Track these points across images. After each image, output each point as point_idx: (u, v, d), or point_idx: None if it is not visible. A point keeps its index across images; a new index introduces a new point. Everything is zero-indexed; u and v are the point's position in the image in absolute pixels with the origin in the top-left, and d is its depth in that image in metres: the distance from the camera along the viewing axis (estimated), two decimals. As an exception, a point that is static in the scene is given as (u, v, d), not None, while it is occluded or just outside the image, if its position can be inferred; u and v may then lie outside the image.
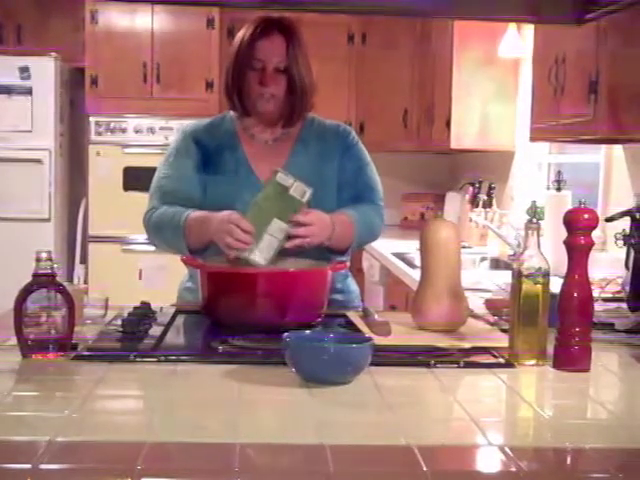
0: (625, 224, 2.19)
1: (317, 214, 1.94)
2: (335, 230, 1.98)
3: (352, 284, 2.26)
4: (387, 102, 5.09)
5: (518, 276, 1.58)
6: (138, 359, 1.53)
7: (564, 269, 1.59)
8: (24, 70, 4.76)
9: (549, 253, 1.64)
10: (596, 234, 1.61)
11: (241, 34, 2.10)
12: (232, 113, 2.20)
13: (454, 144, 4.24)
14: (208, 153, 2.13)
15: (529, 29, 3.74)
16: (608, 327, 1.92)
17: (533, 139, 3.20)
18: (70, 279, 4.84)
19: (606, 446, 1.17)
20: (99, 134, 4.94)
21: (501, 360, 1.59)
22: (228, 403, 1.31)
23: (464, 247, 3.53)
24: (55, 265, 1.56)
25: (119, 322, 1.75)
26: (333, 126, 2.23)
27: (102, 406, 1.32)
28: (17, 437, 1.13)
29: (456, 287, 1.81)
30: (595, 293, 1.75)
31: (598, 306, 1.90)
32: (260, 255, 1.87)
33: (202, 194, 2.10)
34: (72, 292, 1.59)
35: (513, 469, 1.07)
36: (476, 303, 2.12)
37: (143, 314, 1.84)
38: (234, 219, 1.87)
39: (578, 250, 1.57)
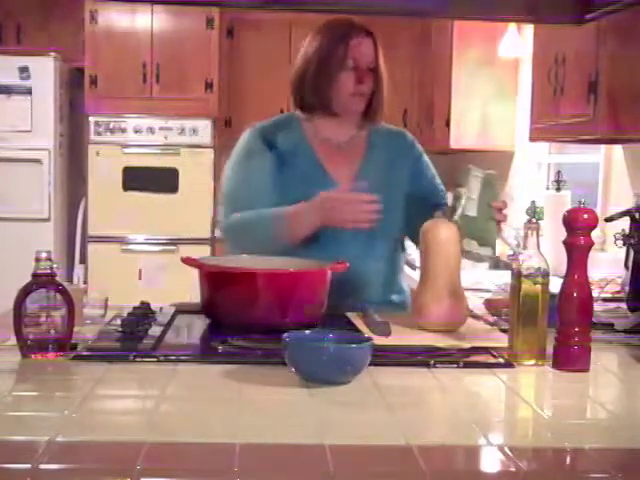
0: (625, 224, 2.19)
1: None
2: None
3: (404, 282, 2.25)
4: (387, 102, 5.08)
5: (518, 276, 1.58)
6: (138, 359, 1.53)
7: (564, 269, 1.59)
8: (24, 70, 4.75)
9: (549, 253, 1.64)
10: (595, 234, 1.61)
11: (325, 37, 2.11)
12: (298, 114, 2.18)
13: (454, 144, 4.25)
14: (280, 153, 2.11)
15: (529, 29, 3.74)
16: (608, 327, 1.92)
17: (533, 139, 3.20)
18: (70, 279, 4.85)
19: (606, 446, 1.17)
20: (99, 134, 4.94)
21: (501, 360, 1.59)
22: (228, 403, 1.31)
23: (464, 247, 3.53)
24: (55, 265, 1.56)
25: (119, 322, 1.74)
26: (400, 133, 2.26)
27: (102, 406, 1.32)
28: (17, 437, 1.13)
29: (456, 287, 1.81)
30: (595, 293, 1.75)
31: (597, 306, 1.90)
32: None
33: (277, 198, 2.05)
34: (72, 292, 1.59)
35: (513, 469, 1.07)
36: (476, 303, 2.12)
37: (143, 314, 1.84)
38: (349, 195, 1.92)
39: (578, 250, 1.57)
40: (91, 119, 4.95)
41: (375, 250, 2.11)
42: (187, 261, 1.98)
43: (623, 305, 2.11)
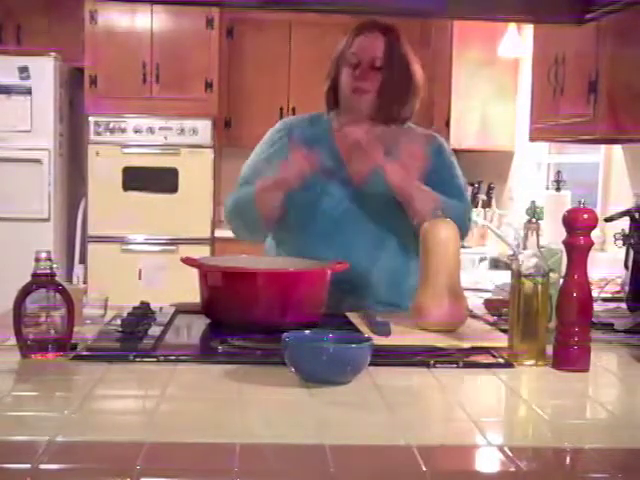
0: (624, 224, 2.19)
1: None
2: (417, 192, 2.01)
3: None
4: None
5: (517, 276, 1.58)
6: (137, 359, 1.53)
7: (563, 269, 1.59)
8: (23, 70, 4.75)
9: (549, 253, 1.64)
10: (595, 234, 1.61)
11: (346, 35, 2.17)
12: (331, 113, 2.23)
13: (454, 144, 4.23)
14: (301, 143, 2.11)
15: (529, 29, 3.74)
16: (607, 327, 1.92)
17: (532, 139, 3.20)
18: (69, 279, 4.84)
19: (605, 446, 1.17)
20: (98, 134, 4.94)
21: (500, 360, 1.59)
22: (228, 403, 1.31)
23: (463, 247, 3.53)
24: (54, 265, 1.56)
25: (118, 322, 1.74)
26: (428, 135, 2.24)
27: (102, 406, 1.32)
28: (17, 437, 1.13)
29: (456, 287, 1.81)
30: (594, 293, 1.75)
31: (597, 306, 1.90)
32: None
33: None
34: (71, 292, 1.59)
35: (512, 469, 1.07)
36: (476, 303, 2.12)
37: (142, 314, 1.84)
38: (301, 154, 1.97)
39: (577, 250, 1.57)
40: (91, 119, 4.94)
41: (383, 249, 2.11)
42: (187, 261, 1.98)
43: (623, 305, 2.11)
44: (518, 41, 4.02)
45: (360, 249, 2.05)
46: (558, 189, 3.11)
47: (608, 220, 2.32)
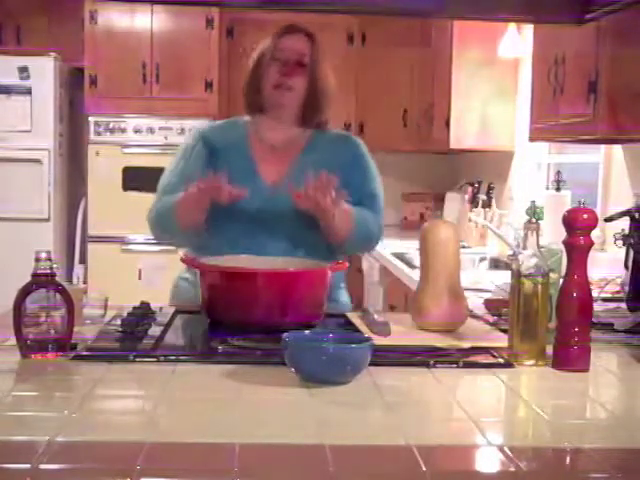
0: (624, 224, 2.19)
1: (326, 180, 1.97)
2: (338, 212, 2.00)
3: (344, 295, 2.25)
4: (387, 102, 5.09)
5: (517, 276, 1.58)
6: (137, 359, 1.53)
7: (563, 269, 1.59)
8: (23, 70, 4.75)
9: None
10: (595, 234, 1.61)
11: (268, 39, 2.19)
12: (246, 117, 2.25)
13: (454, 144, 4.24)
14: (216, 152, 2.17)
15: (529, 29, 3.74)
16: (607, 327, 1.92)
17: (532, 139, 3.20)
18: (69, 279, 4.85)
19: (605, 446, 1.17)
20: (98, 134, 4.94)
21: (500, 360, 1.59)
22: (228, 403, 1.31)
23: (463, 247, 3.54)
24: (54, 265, 1.56)
25: (118, 322, 1.75)
26: (344, 136, 2.28)
27: (101, 406, 1.32)
28: (16, 437, 1.13)
29: (456, 287, 1.81)
30: (594, 293, 1.75)
31: (597, 306, 1.90)
32: None
33: None
34: (71, 292, 1.59)
35: (512, 469, 1.07)
36: (476, 303, 2.12)
37: (142, 314, 1.84)
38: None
39: (577, 250, 1.57)
40: (91, 119, 4.94)
41: (299, 248, 2.06)
42: (187, 261, 1.98)
43: (623, 305, 2.11)
44: (518, 41, 4.01)
45: (276, 249, 2.03)
46: (558, 189, 3.11)
47: (608, 220, 2.32)
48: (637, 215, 2.12)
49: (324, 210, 1.95)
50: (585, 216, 1.57)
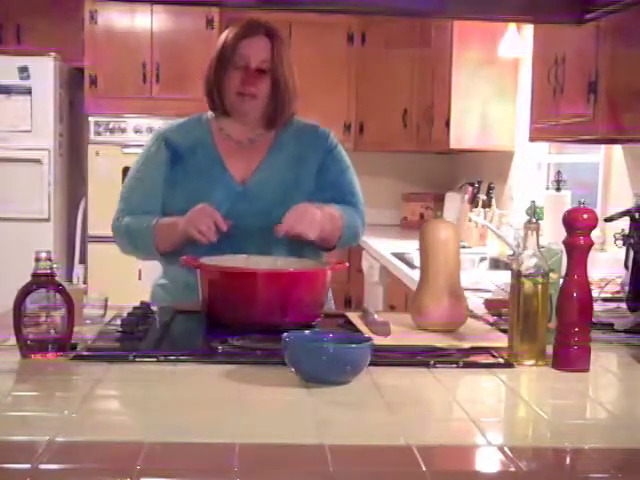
0: (624, 224, 2.19)
1: (304, 207, 1.97)
2: (325, 226, 2.01)
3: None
4: (387, 102, 5.09)
5: (517, 276, 1.58)
6: (137, 359, 1.53)
7: (563, 269, 1.59)
8: (23, 70, 4.75)
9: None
10: (595, 234, 1.61)
11: (226, 33, 2.14)
12: (209, 113, 2.22)
13: (453, 144, 4.24)
14: (179, 152, 2.15)
15: (529, 29, 3.74)
16: (607, 327, 1.92)
17: (532, 139, 3.20)
18: (69, 279, 4.84)
19: (605, 446, 1.17)
20: (98, 134, 4.94)
21: (500, 360, 1.59)
22: (228, 403, 1.31)
23: (463, 247, 3.53)
24: (54, 265, 1.56)
25: (118, 322, 1.75)
26: (312, 128, 2.23)
27: (102, 406, 1.32)
28: (17, 437, 1.13)
29: (455, 287, 1.81)
30: (594, 293, 1.75)
31: (597, 306, 1.90)
32: None
33: (179, 191, 2.11)
34: (71, 292, 1.59)
35: (512, 469, 1.07)
36: (476, 303, 2.12)
37: (142, 314, 1.84)
38: (209, 210, 1.95)
39: (577, 250, 1.57)
40: (91, 119, 4.95)
41: (274, 246, 2.05)
42: (187, 261, 1.98)
43: (623, 305, 2.11)
44: (518, 41, 4.01)
45: (250, 248, 2.01)
46: (558, 189, 3.11)
47: (608, 220, 2.32)
48: (637, 215, 2.12)
49: (307, 236, 1.96)
50: (585, 216, 1.57)
